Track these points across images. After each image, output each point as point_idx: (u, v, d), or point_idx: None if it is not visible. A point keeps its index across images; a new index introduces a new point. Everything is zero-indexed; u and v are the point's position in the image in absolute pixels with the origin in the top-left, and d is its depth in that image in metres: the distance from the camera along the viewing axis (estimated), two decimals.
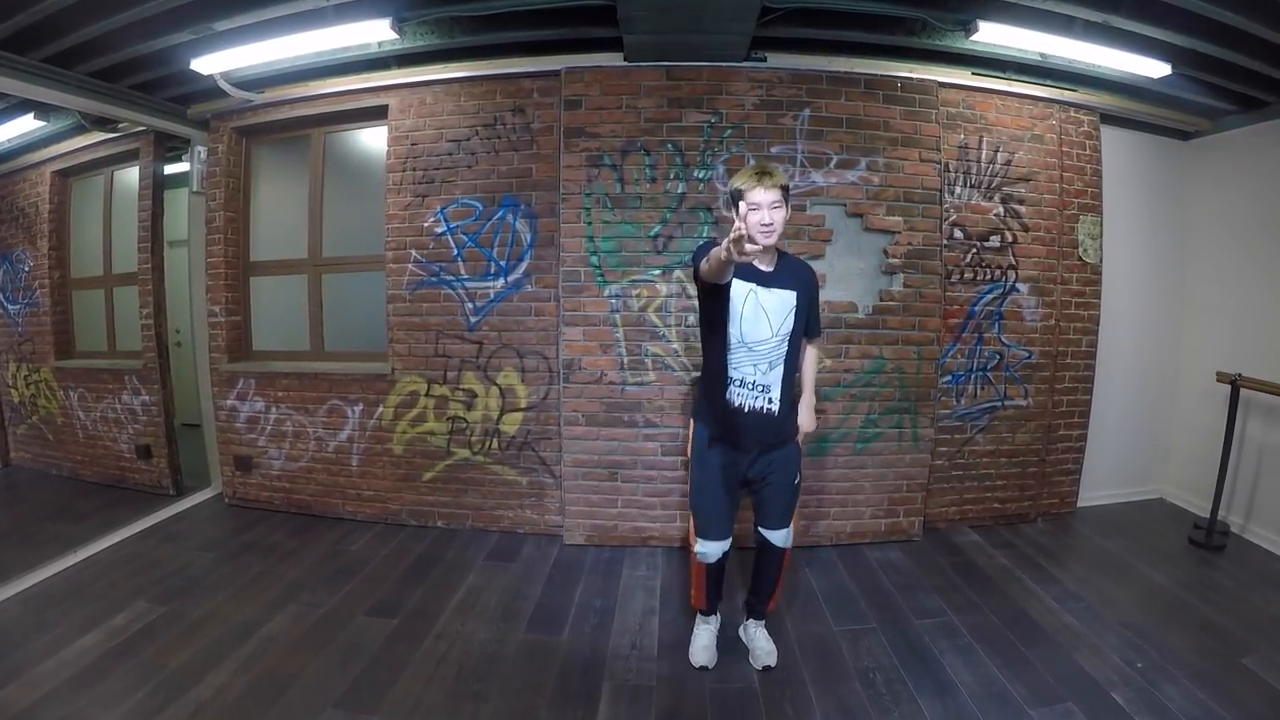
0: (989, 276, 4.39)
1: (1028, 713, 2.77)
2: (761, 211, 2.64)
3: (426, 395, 4.40)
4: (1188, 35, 3.49)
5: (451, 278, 4.30)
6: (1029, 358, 4.53)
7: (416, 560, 4.02)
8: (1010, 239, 4.41)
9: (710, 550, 2.99)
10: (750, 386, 2.82)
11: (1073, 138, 4.47)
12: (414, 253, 4.31)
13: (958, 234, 4.32)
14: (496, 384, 4.32)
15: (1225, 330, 4.72)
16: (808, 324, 2.95)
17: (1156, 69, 3.82)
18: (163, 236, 4.89)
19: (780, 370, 2.83)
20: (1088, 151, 4.52)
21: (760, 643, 3.17)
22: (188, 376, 5.09)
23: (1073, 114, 4.49)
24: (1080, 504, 4.88)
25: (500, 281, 4.27)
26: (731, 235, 2.21)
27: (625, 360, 4.13)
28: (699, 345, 4.06)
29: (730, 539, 3.02)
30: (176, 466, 5.05)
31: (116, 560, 4.01)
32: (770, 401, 2.84)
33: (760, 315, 2.79)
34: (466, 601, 3.55)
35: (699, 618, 3.26)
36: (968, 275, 4.36)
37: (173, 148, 4.94)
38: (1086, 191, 4.54)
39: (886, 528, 4.33)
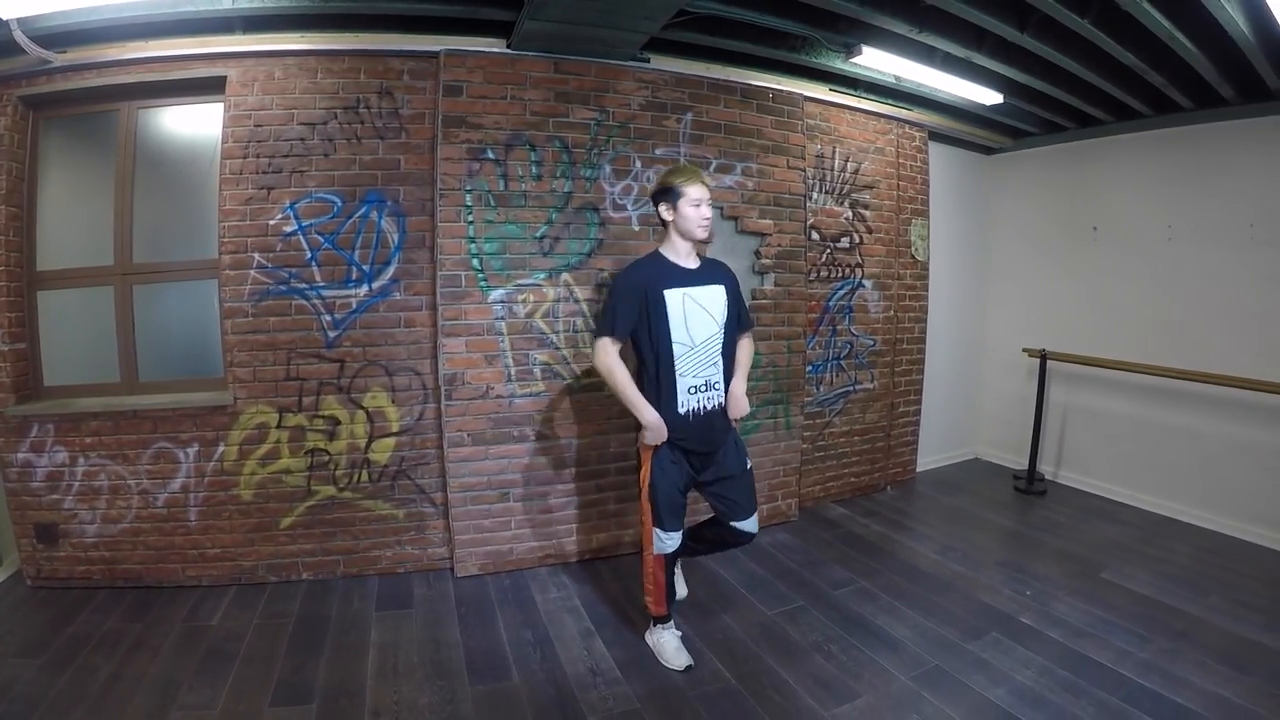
0: (840, 274, 4.75)
1: (967, 648, 3.15)
2: (702, 207, 2.85)
3: (278, 427, 3.61)
4: (1023, 71, 3.96)
5: (305, 285, 3.55)
6: (874, 345, 4.99)
7: (298, 624, 3.27)
8: (857, 240, 4.81)
9: (669, 542, 2.95)
10: (706, 389, 2.92)
11: (907, 151, 5.01)
12: (257, 256, 3.50)
13: (815, 235, 4.59)
14: (363, 407, 3.68)
15: (1021, 314, 5.66)
16: (739, 315, 3.08)
17: (991, 97, 4.36)
18: None
19: (722, 363, 2.99)
20: (918, 163, 5.10)
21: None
22: None
23: (907, 130, 5.01)
24: (918, 469, 5.53)
25: (363, 289, 3.62)
26: (656, 440, 2.81)
27: (513, 371, 3.73)
28: (588, 351, 3.90)
29: (682, 531, 3.05)
30: None
31: None
32: (719, 394, 2.98)
33: (700, 312, 2.91)
34: (385, 664, 2.96)
35: (659, 627, 3.13)
36: (823, 273, 4.67)
37: None
38: (917, 198, 5.12)
39: (768, 512, 4.44)
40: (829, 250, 4.65)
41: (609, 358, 2.86)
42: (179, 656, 3.00)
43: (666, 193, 2.87)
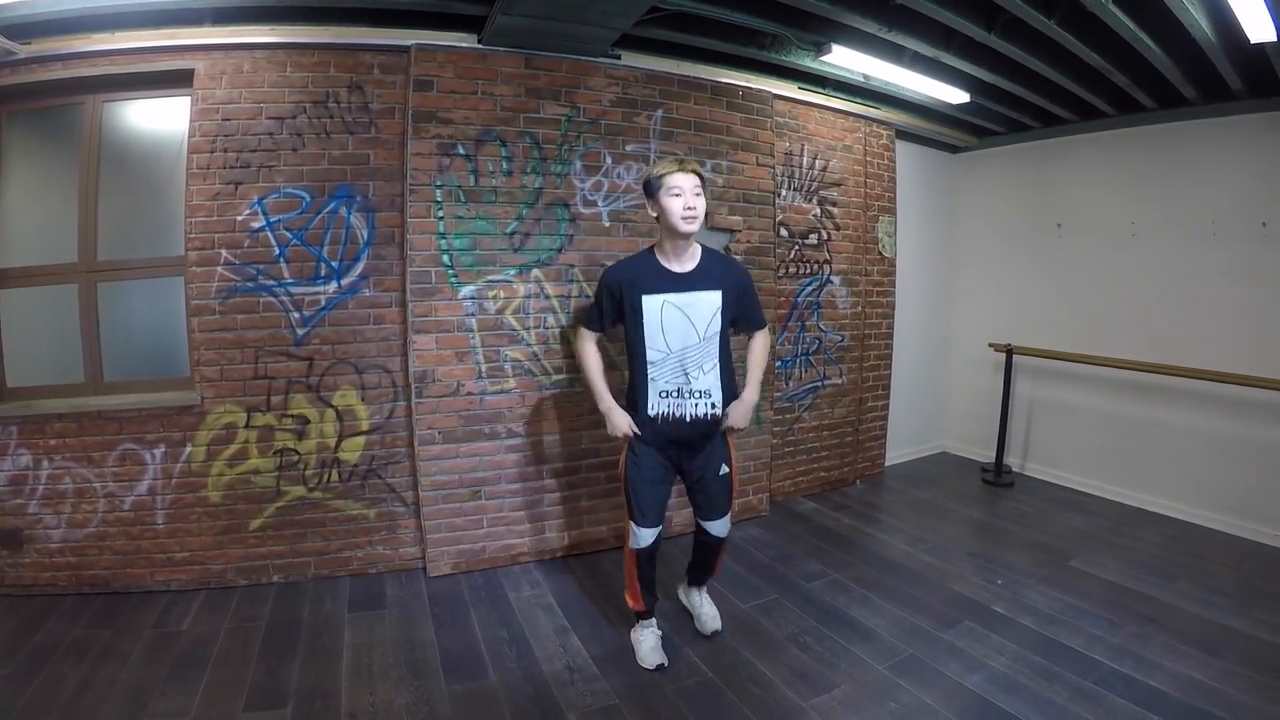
0: (809, 270, 4.72)
1: (941, 636, 3.14)
2: (685, 196, 2.61)
3: (246, 426, 3.46)
4: (990, 70, 3.96)
5: (273, 282, 3.42)
6: (842, 341, 4.96)
7: (270, 628, 3.13)
8: (826, 237, 4.78)
9: (644, 535, 2.83)
10: (679, 395, 2.68)
11: (874, 149, 5.00)
12: (225, 252, 3.35)
13: (783, 232, 4.56)
14: (332, 406, 3.54)
15: (987, 309, 5.67)
16: (744, 317, 2.87)
17: (958, 96, 4.36)
18: None
19: (717, 370, 2.73)
20: (886, 161, 5.10)
21: (706, 608, 3.20)
22: None
23: (875, 128, 5.00)
24: (886, 464, 5.51)
25: (333, 285, 3.49)
26: (619, 433, 2.74)
27: (484, 368, 3.63)
28: (558, 347, 3.85)
29: (661, 527, 2.89)
30: None
31: None
32: (713, 406, 2.79)
33: (681, 320, 2.71)
34: (359, 666, 2.84)
35: (639, 623, 3.04)
36: (792, 270, 4.63)
37: None
38: (884, 195, 5.11)
39: (740, 508, 4.32)
40: (798, 246, 4.62)
41: (582, 344, 2.90)
42: (149, 663, 2.85)
43: (646, 187, 2.70)
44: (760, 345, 2.92)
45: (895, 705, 2.57)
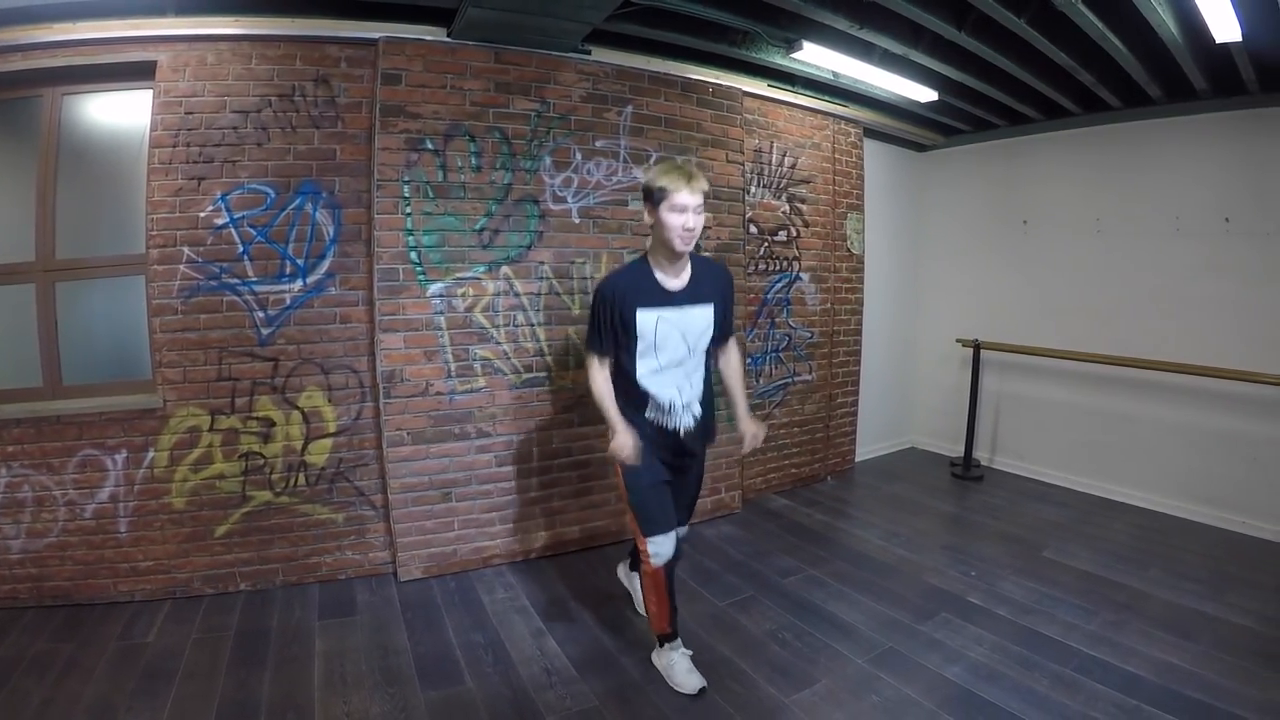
0: (778, 267, 4.72)
1: (919, 629, 3.13)
2: (686, 215, 2.43)
3: (211, 430, 3.31)
4: (958, 69, 3.97)
5: (237, 280, 3.29)
6: (812, 338, 4.96)
7: (238, 638, 2.99)
8: (795, 234, 4.79)
9: (664, 544, 2.60)
10: (681, 409, 2.63)
11: (843, 146, 5.00)
12: (187, 250, 3.21)
13: (753, 229, 4.55)
14: (298, 407, 3.42)
15: (954, 305, 5.72)
16: (720, 326, 2.70)
17: (926, 94, 4.39)
18: None
19: (701, 381, 2.72)
20: (854, 159, 5.11)
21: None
22: None
23: (843, 126, 5.00)
24: (857, 459, 5.52)
25: (298, 284, 3.38)
26: (622, 455, 2.46)
27: (453, 367, 3.54)
28: (528, 345, 3.78)
29: (675, 529, 2.68)
30: None
31: None
32: (697, 411, 2.70)
33: (674, 336, 2.59)
34: (332, 674, 2.73)
35: (666, 646, 2.78)
36: (761, 266, 4.62)
37: None
38: (852, 193, 5.12)
39: (713, 505, 4.36)
40: (767, 243, 4.62)
41: (593, 375, 2.60)
42: (115, 677, 2.71)
43: (649, 193, 2.48)
44: (736, 357, 2.82)
45: (877, 699, 2.53)
